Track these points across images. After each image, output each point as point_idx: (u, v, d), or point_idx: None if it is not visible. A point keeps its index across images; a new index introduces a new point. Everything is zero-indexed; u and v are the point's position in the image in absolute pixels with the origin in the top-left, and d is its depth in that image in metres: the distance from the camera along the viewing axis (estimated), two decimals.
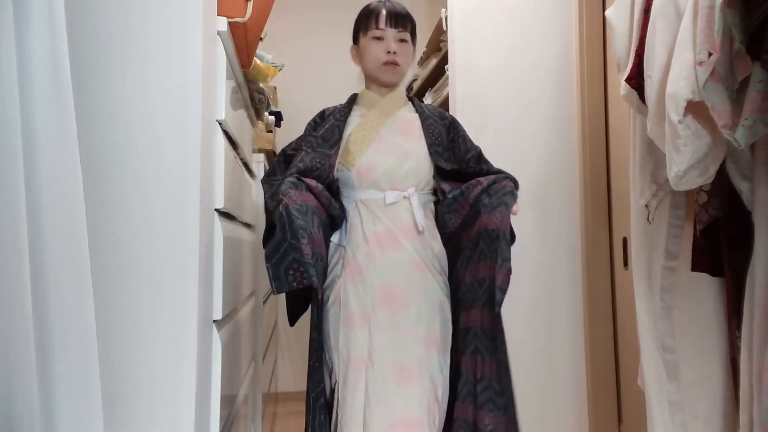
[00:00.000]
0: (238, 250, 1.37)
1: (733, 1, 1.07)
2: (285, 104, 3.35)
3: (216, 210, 1.10)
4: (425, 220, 1.54)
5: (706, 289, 1.47)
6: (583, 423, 2.32)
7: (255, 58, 1.55)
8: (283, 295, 1.44)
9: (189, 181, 0.93)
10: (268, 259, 1.23)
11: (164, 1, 0.94)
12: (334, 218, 1.50)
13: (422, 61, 3.24)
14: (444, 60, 2.72)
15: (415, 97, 1.88)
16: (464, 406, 1.40)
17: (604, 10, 2.28)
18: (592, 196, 2.35)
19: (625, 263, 2.22)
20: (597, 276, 2.34)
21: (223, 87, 1.13)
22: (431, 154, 1.58)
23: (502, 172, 1.56)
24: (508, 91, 2.43)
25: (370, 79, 1.65)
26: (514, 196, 1.45)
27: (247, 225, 1.65)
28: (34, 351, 0.56)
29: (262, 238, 1.35)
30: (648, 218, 1.54)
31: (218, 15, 1.13)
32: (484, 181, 1.50)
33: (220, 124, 1.14)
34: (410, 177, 1.55)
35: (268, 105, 1.91)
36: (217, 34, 1.12)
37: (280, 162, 1.60)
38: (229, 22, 1.16)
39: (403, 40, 1.59)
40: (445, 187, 1.56)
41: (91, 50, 0.91)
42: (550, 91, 2.44)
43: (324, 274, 1.49)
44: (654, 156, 1.50)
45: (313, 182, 1.44)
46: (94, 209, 0.88)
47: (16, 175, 0.56)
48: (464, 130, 1.66)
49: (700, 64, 1.14)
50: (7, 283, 0.54)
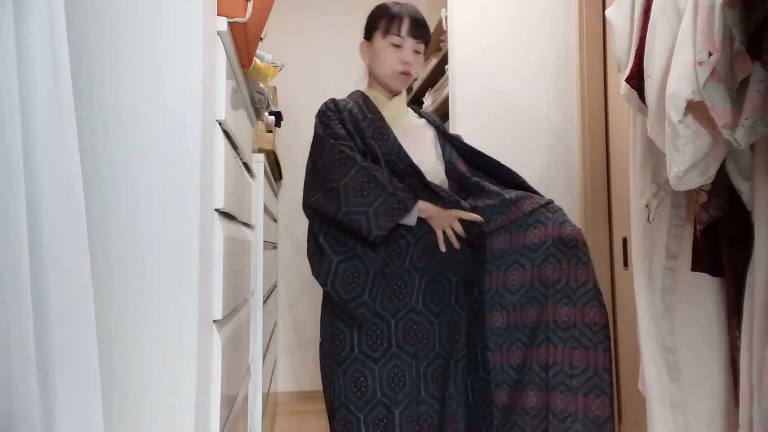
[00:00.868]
0: (238, 250, 1.37)
1: (733, 1, 1.07)
2: (285, 104, 3.35)
3: (216, 210, 1.10)
4: None
5: (706, 289, 1.47)
6: None
7: (255, 58, 1.55)
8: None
9: (189, 181, 0.93)
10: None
11: (164, 1, 0.94)
12: None
13: None
14: (444, 60, 2.72)
15: (415, 97, 1.89)
16: (524, 394, 1.52)
17: (604, 10, 2.29)
18: (592, 197, 2.35)
19: (625, 263, 2.22)
20: (597, 276, 2.33)
21: (223, 87, 1.13)
22: (446, 163, 1.64)
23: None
24: (508, 91, 2.43)
25: (377, 81, 1.65)
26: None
27: (247, 225, 1.65)
28: (34, 351, 0.56)
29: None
30: (648, 218, 1.54)
31: (218, 15, 1.12)
32: (537, 198, 1.61)
33: (220, 124, 1.14)
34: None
35: (268, 105, 1.91)
36: (217, 34, 1.12)
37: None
38: (229, 22, 1.16)
39: (417, 51, 1.61)
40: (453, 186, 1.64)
41: (91, 50, 0.91)
42: (550, 91, 2.44)
43: None
44: (654, 156, 1.50)
45: None
46: (94, 209, 0.88)
47: (16, 176, 0.56)
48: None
49: (700, 64, 1.14)
50: (7, 283, 0.54)
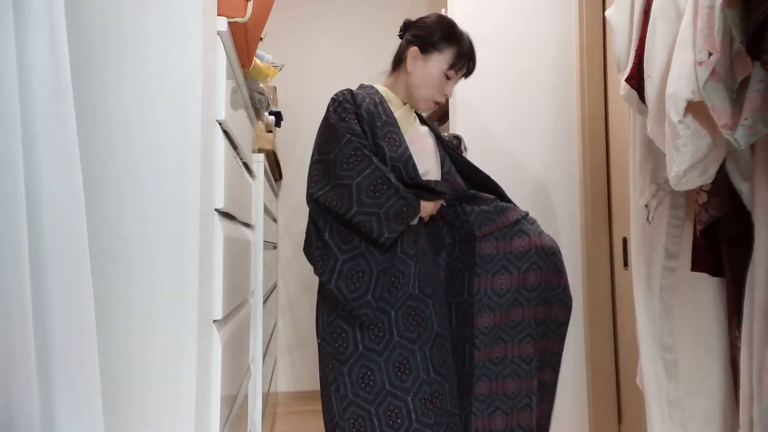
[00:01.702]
0: (238, 250, 1.37)
1: (733, 1, 1.07)
2: (285, 104, 3.35)
3: (216, 210, 1.10)
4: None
5: (706, 289, 1.47)
6: (583, 423, 2.32)
7: (255, 58, 1.55)
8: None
9: (189, 181, 0.93)
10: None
11: (164, 1, 0.94)
12: None
13: None
14: None
15: None
16: (506, 383, 1.67)
17: (604, 10, 2.29)
18: (592, 197, 2.36)
19: (625, 263, 2.22)
20: (597, 276, 2.34)
21: (223, 87, 1.13)
22: (443, 172, 1.66)
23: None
24: (508, 92, 2.43)
25: (405, 90, 1.64)
26: None
27: (247, 225, 1.65)
28: (34, 351, 0.56)
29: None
30: (648, 218, 1.54)
31: (218, 15, 1.12)
32: (518, 209, 1.72)
33: (220, 124, 1.14)
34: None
35: (268, 105, 1.91)
36: (217, 34, 1.12)
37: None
38: (229, 22, 1.16)
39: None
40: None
41: (91, 50, 0.91)
42: (551, 91, 2.44)
43: None
44: (654, 156, 1.50)
45: None
46: (94, 209, 0.88)
47: (16, 176, 0.56)
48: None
49: (700, 64, 1.14)
50: (7, 283, 0.54)
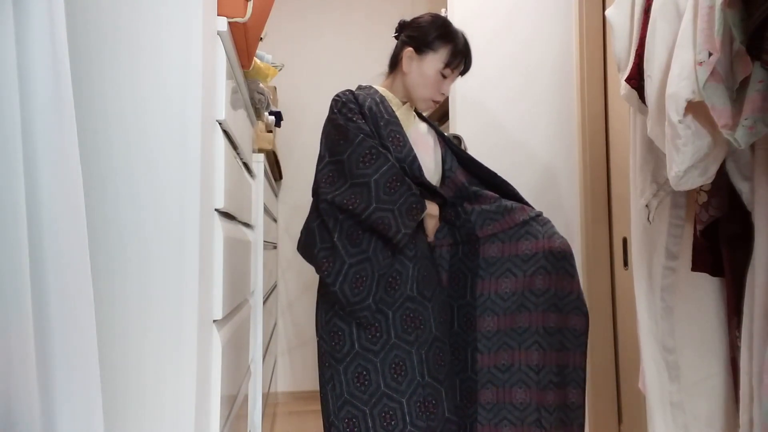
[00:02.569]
0: (238, 250, 1.37)
1: (733, 1, 1.07)
2: (285, 104, 3.35)
3: (216, 210, 1.10)
4: None
5: (706, 289, 1.47)
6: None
7: (255, 58, 1.55)
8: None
9: (189, 181, 0.93)
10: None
11: (164, 1, 0.94)
12: None
13: None
14: None
15: None
16: (513, 391, 1.61)
17: (604, 10, 2.29)
18: (592, 196, 2.35)
19: (625, 263, 2.22)
20: (597, 276, 2.34)
21: (223, 87, 1.13)
22: (444, 170, 1.66)
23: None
24: (508, 92, 2.43)
25: (403, 91, 1.65)
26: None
27: (247, 225, 1.65)
28: (34, 351, 0.56)
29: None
30: (648, 218, 1.54)
31: (218, 15, 1.12)
32: (528, 209, 1.68)
33: (220, 124, 1.14)
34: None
35: (268, 105, 1.91)
36: (217, 34, 1.12)
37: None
38: (229, 22, 1.16)
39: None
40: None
41: (91, 50, 0.91)
42: (551, 91, 2.44)
43: None
44: (654, 156, 1.50)
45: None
46: (94, 209, 0.88)
47: (16, 176, 0.56)
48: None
49: (700, 64, 1.14)
50: (7, 283, 0.54)
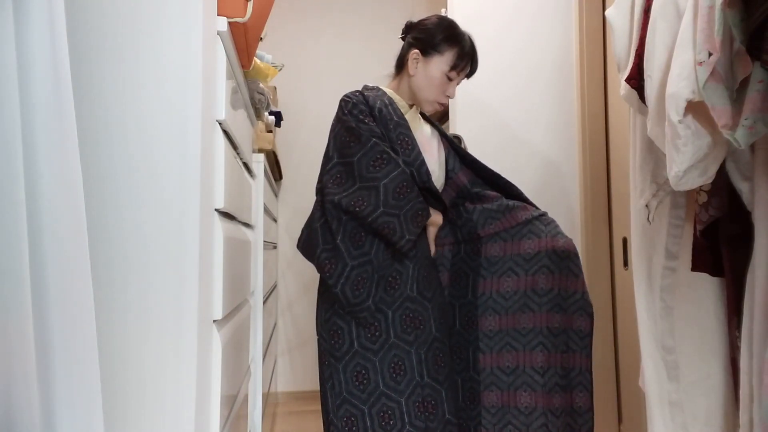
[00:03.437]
0: (238, 250, 1.37)
1: (733, 1, 1.07)
2: (285, 104, 3.35)
3: (216, 210, 1.10)
4: None
5: (706, 289, 1.47)
6: None
7: (255, 58, 1.55)
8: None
9: (189, 181, 0.93)
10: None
11: (164, 1, 0.94)
12: None
13: None
14: None
15: None
16: (517, 394, 1.58)
17: (604, 10, 2.29)
18: (592, 197, 2.35)
19: (625, 263, 2.22)
20: (597, 276, 2.34)
21: (223, 87, 1.13)
22: (447, 171, 1.68)
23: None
24: (508, 92, 2.43)
25: (409, 93, 1.65)
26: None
27: (247, 225, 1.65)
28: (34, 351, 0.56)
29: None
30: (648, 218, 1.54)
31: (218, 15, 1.12)
32: (531, 208, 1.67)
33: (220, 124, 1.14)
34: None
35: (268, 105, 1.91)
36: (217, 34, 1.12)
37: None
38: (229, 22, 1.16)
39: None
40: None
41: (91, 50, 0.91)
42: (551, 91, 2.44)
43: None
44: (654, 156, 1.50)
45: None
46: (94, 209, 0.88)
47: (16, 176, 0.56)
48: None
49: (700, 64, 1.14)
50: (7, 283, 0.54)
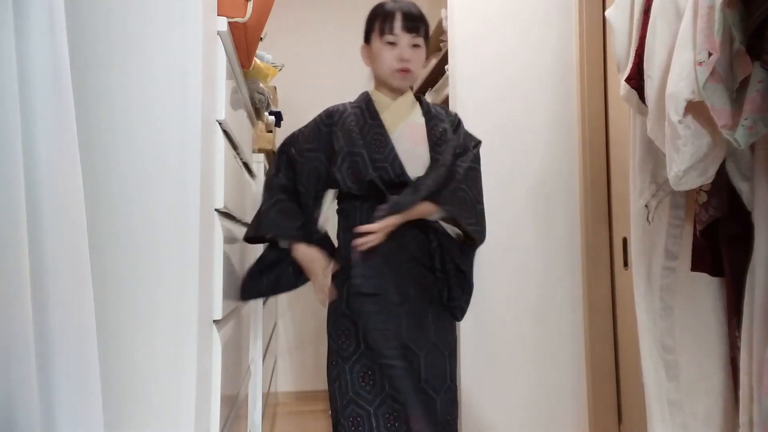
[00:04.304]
0: (238, 250, 1.37)
1: (733, 1, 1.07)
2: (285, 104, 3.35)
3: (216, 210, 1.10)
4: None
5: (706, 289, 1.47)
6: (583, 423, 2.32)
7: (255, 58, 1.55)
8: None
9: (189, 181, 0.93)
10: None
11: (164, 1, 0.94)
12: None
13: None
14: (444, 60, 2.72)
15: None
16: None
17: (604, 10, 2.28)
18: (592, 197, 2.35)
19: (625, 263, 2.22)
20: (597, 276, 2.34)
21: (223, 87, 1.13)
22: (431, 158, 1.57)
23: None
24: (508, 92, 2.43)
25: (380, 83, 1.64)
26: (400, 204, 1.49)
27: (247, 225, 1.65)
28: (34, 351, 0.56)
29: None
30: (648, 218, 1.54)
31: (218, 15, 1.13)
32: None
33: (220, 124, 1.14)
34: None
35: (268, 105, 1.91)
36: (217, 34, 1.12)
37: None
38: (229, 22, 1.16)
39: (416, 45, 1.58)
40: None
41: (91, 50, 0.91)
42: (551, 91, 2.44)
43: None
44: (654, 156, 1.50)
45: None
46: (94, 209, 0.88)
47: (16, 176, 0.56)
48: (465, 130, 1.67)
49: (700, 64, 1.14)
50: (7, 283, 0.54)
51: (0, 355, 0.54)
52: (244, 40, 1.30)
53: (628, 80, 1.48)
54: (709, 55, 1.13)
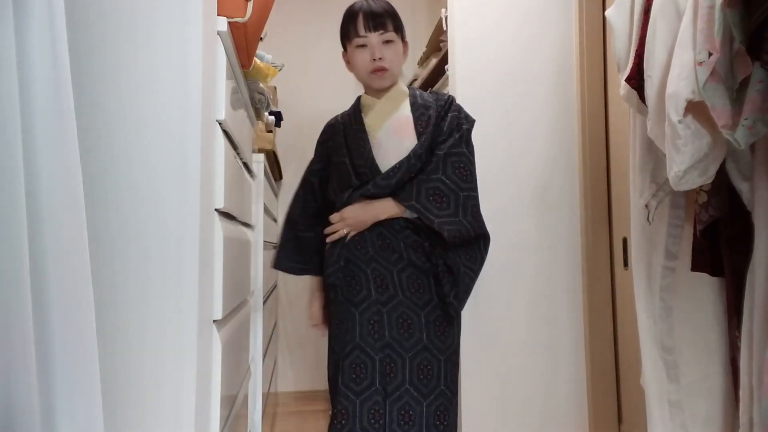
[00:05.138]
0: (238, 250, 1.37)
1: (733, 1, 1.07)
2: (285, 104, 3.35)
3: (216, 210, 1.10)
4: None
5: (706, 289, 1.47)
6: (583, 423, 2.32)
7: (255, 58, 1.55)
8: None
9: (189, 181, 0.93)
10: None
11: (164, 1, 0.94)
12: None
13: (422, 61, 3.23)
14: (444, 60, 2.72)
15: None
16: None
17: (604, 10, 2.29)
18: (592, 196, 2.35)
19: (625, 263, 2.22)
20: (597, 276, 2.34)
21: (223, 87, 1.13)
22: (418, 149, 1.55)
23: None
24: (508, 92, 2.43)
25: (365, 86, 1.66)
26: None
27: (247, 225, 1.65)
28: (34, 351, 0.56)
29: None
30: (648, 218, 1.54)
31: (218, 15, 1.12)
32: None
33: (220, 124, 1.14)
34: None
35: (268, 105, 1.91)
36: (217, 34, 1.12)
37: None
38: (229, 22, 1.16)
39: (388, 41, 1.55)
40: None
41: (91, 50, 0.91)
42: (550, 90, 2.44)
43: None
44: (654, 156, 1.50)
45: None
46: (94, 209, 0.88)
47: (16, 176, 0.56)
48: (457, 111, 1.61)
49: (700, 64, 1.14)
50: (7, 283, 0.54)
51: (0, 354, 0.54)
52: (244, 40, 1.30)
53: (628, 80, 1.48)
54: (709, 55, 1.13)
